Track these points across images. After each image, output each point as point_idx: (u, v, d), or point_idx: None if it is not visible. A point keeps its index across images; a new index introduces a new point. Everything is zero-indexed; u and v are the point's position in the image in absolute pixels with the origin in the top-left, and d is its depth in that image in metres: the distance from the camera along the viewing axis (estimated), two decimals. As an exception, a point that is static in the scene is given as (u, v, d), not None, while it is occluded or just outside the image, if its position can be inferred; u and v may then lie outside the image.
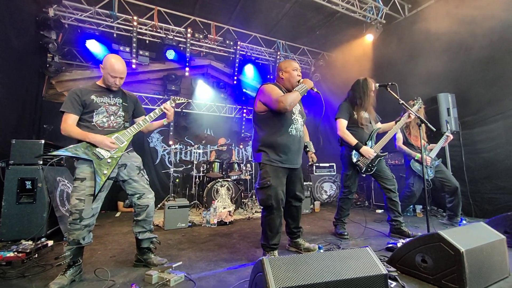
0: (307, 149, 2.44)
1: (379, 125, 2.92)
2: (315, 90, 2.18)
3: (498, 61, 3.54)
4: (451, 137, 3.34)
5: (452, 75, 4.01)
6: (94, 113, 1.92)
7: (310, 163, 2.43)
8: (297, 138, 2.18)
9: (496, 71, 3.56)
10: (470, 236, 1.66)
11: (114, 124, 1.99)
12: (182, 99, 2.33)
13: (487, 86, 3.66)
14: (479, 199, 3.67)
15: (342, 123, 2.76)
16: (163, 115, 2.16)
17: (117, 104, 2.02)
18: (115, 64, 1.93)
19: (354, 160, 2.71)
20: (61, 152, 1.80)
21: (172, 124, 5.99)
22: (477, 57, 3.74)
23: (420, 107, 2.91)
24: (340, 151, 2.90)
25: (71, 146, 1.82)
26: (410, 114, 2.71)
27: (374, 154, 2.66)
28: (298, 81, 2.17)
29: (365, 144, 2.71)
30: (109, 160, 1.87)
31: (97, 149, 1.85)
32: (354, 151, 2.71)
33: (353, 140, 2.69)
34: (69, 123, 1.84)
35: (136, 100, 2.21)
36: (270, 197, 2.04)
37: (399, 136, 3.31)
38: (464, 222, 3.21)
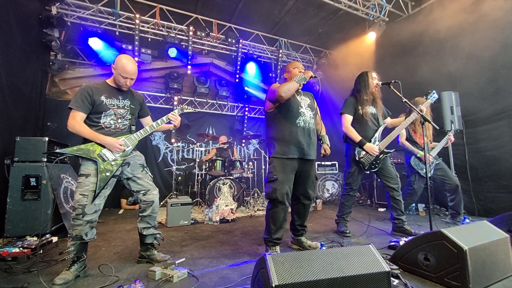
0: (322, 141, 2.45)
1: (387, 120, 2.90)
2: (314, 76, 2.24)
3: (502, 59, 3.51)
4: (452, 139, 3.33)
5: (456, 73, 3.97)
6: (102, 115, 1.94)
7: (322, 154, 2.41)
8: (306, 130, 2.21)
9: (500, 69, 3.52)
10: (473, 234, 1.66)
11: (121, 126, 2.02)
12: (190, 109, 2.36)
13: (491, 84, 3.62)
14: (483, 197, 3.65)
15: (347, 119, 2.74)
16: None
17: (125, 107, 2.04)
18: (127, 65, 1.95)
19: (357, 157, 2.70)
20: (67, 152, 1.82)
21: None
22: (481, 54, 3.70)
23: (433, 102, 2.85)
24: (345, 148, 2.89)
25: (77, 146, 1.84)
26: (422, 109, 2.65)
27: (377, 151, 2.65)
28: None
29: (369, 141, 2.70)
30: (113, 163, 1.90)
31: (103, 150, 1.87)
32: (357, 148, 2.70)
33: (356, 137, 2.68)
34: (78, 120, 1.86)
35: (142, 100, 2.25)
36: (275, 190, 2.07)
37: (403, 133, 3.29)
38: (467, 220, 3.19)
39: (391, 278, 1.35)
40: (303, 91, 2.41)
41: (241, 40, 5.91)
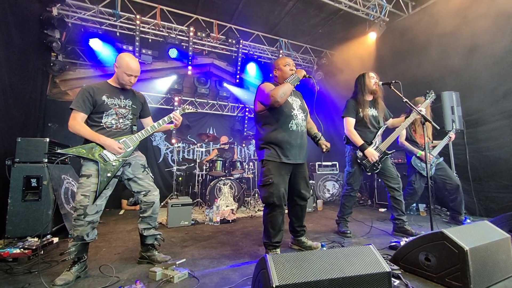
0: (318, 139, 2.35)
1: (388, 121, 2.90)
2: (307, 76, 2.17)
3: (502, 59, 3.50)
4: (453, 137, 3.32)
5: (456, 73, 3.97)
6: (104, 115, 1.94)
7: (324, 151, 2.29)
8: (299, 134, 2.17)
9: (501, 68, 3.52)
10: (474, 234, 1.65)
11: (122, 126, 2.02)
12: (191, 109, 2.34)
13: (491, 84, 3.62)
14: (484, 197, 3.64)
15: (350, 122, 2.74)
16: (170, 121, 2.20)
17: (127, 107, 2.05)
18: (131, 63, 1.97)
19: (359, 159, 2.70)
20: (68, 152, 1.83)
21: (174, 122, 6.04)
22: (482, 54, 3.70)
23: (433, 101, 2.86)
24: (346, 149, 2.89)
25: (79, 146, 1.84)
26: (421, 109, 2.67)
27: (377, 157, 2.65)
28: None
29: (371, 143, 2.70)
30: (114, 163, 1.90)
31: (104, 151, 1.87)
32: (359, 151, 2.70)
33: (359, 141, 2.67)
34: (79, 121, 1.86)
35: (144, 100, 2.24)
36: (272, 194, 2.04)
37: (403, 133, 3.29)
38: (468, 221, 3.19)
39: (392, 279, 1.35)
40: (293, 90, 2.33)
41: (241, 41, 5.91)
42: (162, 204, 4.77)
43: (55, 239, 2.59)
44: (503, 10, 3.48)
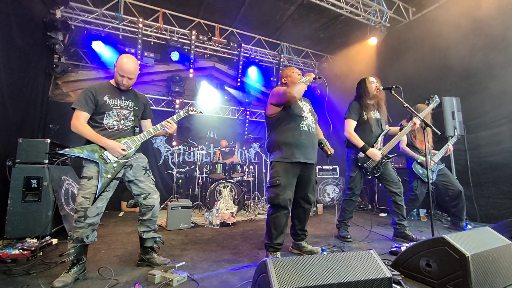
0: (322, 145, 2.39)
1: (387, 127, 2.91)
2: (317, 77, 2.26)
3: (503, 64, 3.52)
4: (451, 148, 3.34)
5: (457, 78, 3.99)
6: (105, 115, 1.94)
7: (327, 155, 2.34)
8: (310, 134, 2.21)
9: (502, 74, 3.53)
10: (475, 240, 1.64)
11: (124, 127, 2.02)
12: (195, 111, 2.31)
13: (492, 89, 3.63)
14: (485, 203, 3.63)
15: (351, 124, 2.74)
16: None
17: (128, 107, 2.05)
18: (125, 64, 1.95)
19: (360, 162, 2.69)
20: (69, 152, 1.82)
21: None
22: (482, 60, 3.72)
23: (437, 106, 2.89)
24: (346, 153, 2.89)
25: (79, 147, 1.84)
26: (416, 122, 2.68)
27: (380, 156, 2.65)
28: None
29: (372, 146, 2.69)
30: (114, 165, 1.90)
31: (105, 152, 1.87)
32: (360, 153, 2.70)
33: (359, 142, 2.67)
34: (81, 120, 1.86)
35: (146, 102, 2.24)
36: (278, 195, 2.06)
37: (404, 138, 3.30)
38: (469, 226, 3.17)
39: (393, 284, 1.34)
40: (302, 97, 2.39)
41: (243, 44, 5.95)
42: (162, 206, 4.76)
43: (54, 241, 2.59)
44: (505, 15, 3.51)
